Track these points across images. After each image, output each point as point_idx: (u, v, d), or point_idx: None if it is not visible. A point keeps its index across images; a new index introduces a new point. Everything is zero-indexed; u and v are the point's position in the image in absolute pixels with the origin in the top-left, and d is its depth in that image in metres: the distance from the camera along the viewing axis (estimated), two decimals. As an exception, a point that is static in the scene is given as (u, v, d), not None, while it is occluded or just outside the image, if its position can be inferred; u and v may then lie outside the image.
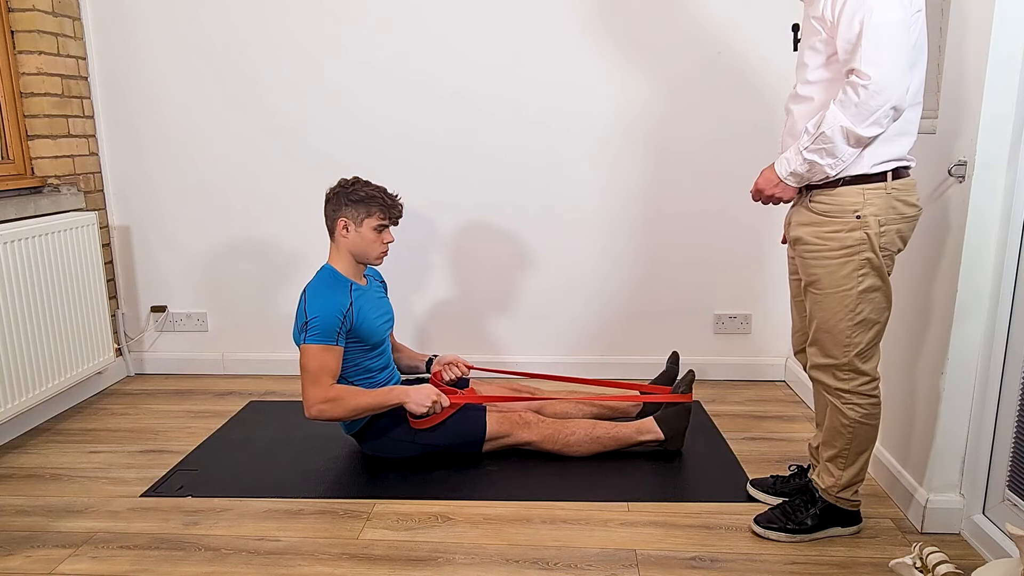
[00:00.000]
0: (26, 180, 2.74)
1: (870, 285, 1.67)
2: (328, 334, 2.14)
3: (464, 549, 1.89)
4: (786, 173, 1.67)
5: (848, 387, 1.75)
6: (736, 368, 3.08)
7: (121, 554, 1.88)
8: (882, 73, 1.50)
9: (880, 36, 1.50)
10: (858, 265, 1.66)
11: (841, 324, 1.70)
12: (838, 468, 1.83)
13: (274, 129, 2.99)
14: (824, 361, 1.76)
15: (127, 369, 3.22)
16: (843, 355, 1.72)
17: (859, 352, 1.72)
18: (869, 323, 1.70)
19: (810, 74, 1.66)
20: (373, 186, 2.23)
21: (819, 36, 1.62)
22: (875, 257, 1.65)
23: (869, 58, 1.50)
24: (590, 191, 2.95)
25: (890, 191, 1.64)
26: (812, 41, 1.64)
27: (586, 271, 3.03)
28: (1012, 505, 1.79)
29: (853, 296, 1.68)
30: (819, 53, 1.63)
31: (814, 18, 1.61)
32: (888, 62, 1.50)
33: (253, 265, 3.12)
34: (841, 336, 1.71)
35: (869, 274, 1.67)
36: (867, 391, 1.75)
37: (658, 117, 2.87)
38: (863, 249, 1.65)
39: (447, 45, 2.87)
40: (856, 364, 1.73)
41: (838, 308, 1.70)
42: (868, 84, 1.50)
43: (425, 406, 2.20)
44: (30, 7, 2.70)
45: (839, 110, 1.55)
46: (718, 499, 2.10)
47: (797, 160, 1.65)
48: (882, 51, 1.50)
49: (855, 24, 1.52)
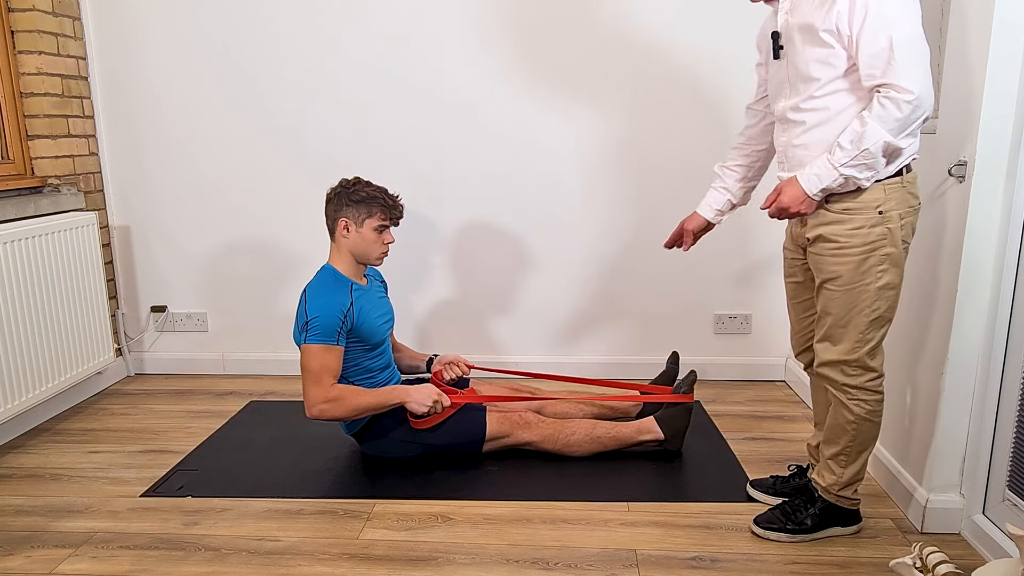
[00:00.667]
0: (26, 180, 2.74)
1: (888, 282, 1.68)
2: (329, 334, 2.14)
3: (464, 549, 1.89)
4: (816, 190, 1.64)
5: (856, 383, 1.75)
6: (736, 368, 3.08)
7: (121, 554, 1.88)
8: (921, 87, 1.52)
9: (912, 50, 1.52)
10: (878, 260, 1.67)
11: (857, 319, 1.71)
12: (839, 466, 1.84)
13: (274, 129, 2.99)
14: (834, 357, 1.76)
15: (127, 369, 3.22)
16: (855, 351, 1.73)
17: (870, 349, 1.73)
18: (883, 320, 1.72)
19: (821, 88, 1.65)
20: (374, 187, 2.23)
21: (832, 50, 1.60)
22: (896, 251, 1.67)
23: (908, 74, 1.52)
24: (590, 191, 2.95)
25: (904, 184, 1.66)
26: (822, 55, 1.62)
27: (586, 271, 3.03)
28: (1012, 505, 1.79)
29: (871, 292, 1.69)
30: (832, 67, 1.62)
31: (826, 31, 1.59)
32: (923, 75, 1.53)
33: (253, 265, 3.13)
34: (855, 332, 1.72)
35: (889, 270, 1.68)
36: (874, 387, 1.76)
37: (658, 117, 2.87)
38: (884, 244, 1.66)
39: (447, 46, 2.87)
40: (866, 360, 1.74)
41: (856, 304, 1.70)
42: (912, 100, 1.52)
43: (426, 406, 2.20)
44: (30, 7, 2.70)
45: (879, 126, 1.55)
46: (718, 499, 2.10)
47: (831, 175, 1.61)
48: (916, 65, 1.52)
49: (880, 39, 1.52)
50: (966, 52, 1.75)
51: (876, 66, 1.55)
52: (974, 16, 1.72)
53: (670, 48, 2.82)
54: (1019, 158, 1.70)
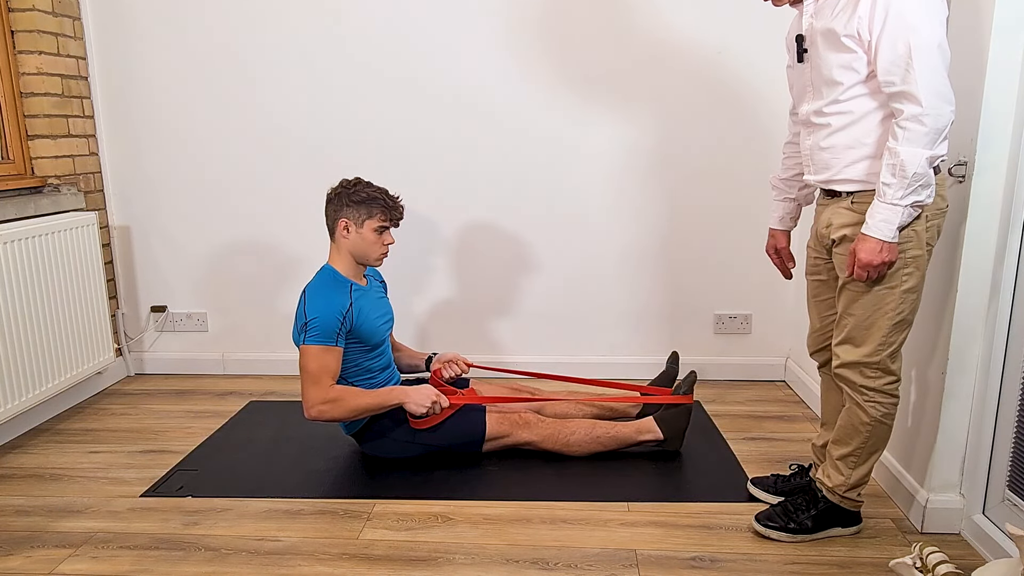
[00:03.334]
0: (26, 180, 2.74)
1: (912, 285, 1.68)
2: (328, 335, 2.14)
3: (464, 549, 1.89)
4: (892, 232, 1.60)
5: (874, 385, 1.75)
6: (736, 368, 3.08)
7: (121, 554, 1.88)
8: (939, 98, 1.51)
9: (930, 59, 1.51)
10: (904, 263, 1.66)
11: (881, 322, 1.70)
12: (848, 467, 1.83)
13: (275, 129, 2.99)
14: (855, 359, 1.75)
15: (127, 369, 3.22)
16: (876, 353, 1.72)
17: (892, 352, 1.72)
18: (906, 323, 1.71)
19: (844, 92, 1.64)
20: (375, 187, 2.23)
21: (855, 55, 1.59)
22: (922, 253, 1.66)
23: (925, 84, 1.51)
24: (591, 192, 2.95)
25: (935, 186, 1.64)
26: (845, 59, 1.61)
27: (586, 271, 3.03)
28: (1012, 505, 1.79)
29: (897, 295, 1.68)
30: (855, 72, 1.61)
31: (847, 37, 1.58)
32: (941, 85, 1.52)
33: (253, 265, 3.12)
34: (879, 335, 1.71)
35: (914, 273, 1.67)
36: (891, 390, 1.75)
37: (658, 119, 2.87)
38: (911, 247, 1.65)
39: (448, 46, 2.87)
40: (887, 363, 1.73)
41: (880, 306, 1.69)
42: (930, 112, 1.51)
43: (425, 406, 2.20)
44: (30, 7, 2.70)
45: (912, 147, 1.53)
46: (718, 499, 2.10)
47: (897, 211, 1.58)
48: (935, 75, 1.51)
49: (899, 45, 1.52)
50: (966, 52, 1.75)
51: (895, 73, 1.54)
52: (974, 16, 1.72)
53: (670, 52, 2.82)
54: (1019, 158, 1.70)
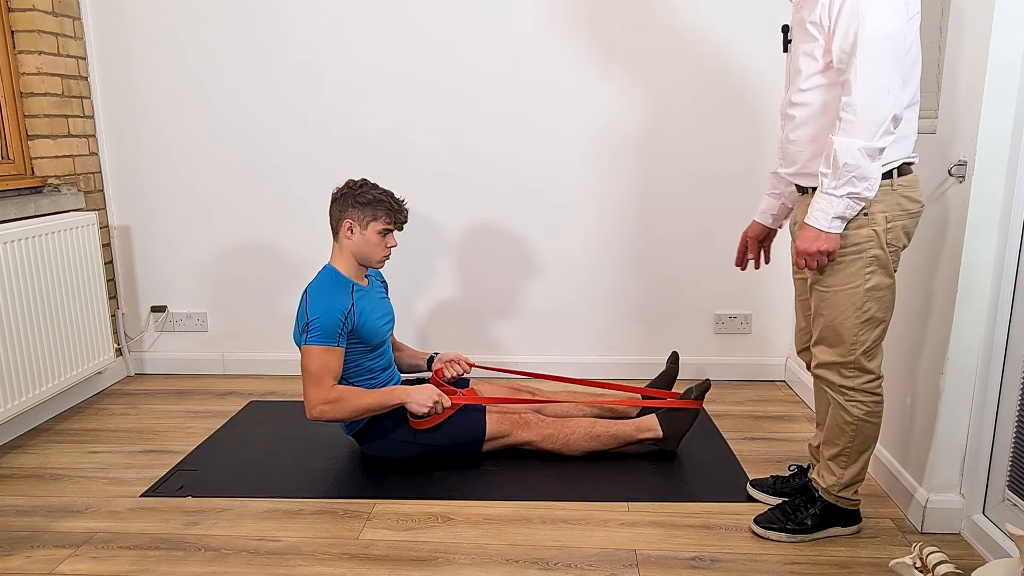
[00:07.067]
0: (26, 180, 2.74)
1: (877, 283, 1.68)
2: (329, 335, 2.14)
3: (464, 549, 1.89)
4: (826, 223, 1.61)
5: (853, 384, 1.75)
6: (736, 368, 3.08)
7: (121, 554, 1.88)
8: (877, 88, 1.51)
9: (874, 49, 1.50)
10: (866, 263, 1.66)
11: (848, 322, 1.71)
12: (839, 467, 1.84)
13: (275, 129, 2.99)
14: (829, 359, 1.76)
15: (127, 369, 3.22)
16: (849, 353, 1.73)
17: (865, 350, 1.73)
18: (875, 321, 1.71)
19: (804, 82, 1.66)
20: (380, 189, 2.23)
21: (816, 43, 1.61)
22: (883, 254, 1.66)
23: (863, 74, 1.51)
24: (591, 192, 2.95)
25: (896, 187, 1.65)
26: (808, 48, 1.63)
27: (586, 271, 3.03)
28: (1012, 505, 1.79)
29: (860, 294, 1.68)
30: (816, 60, 1.63)
31: (811, 24, 1.60)
32: (882, 77, 1.51)
33: (253, 265, 3.12)
34: (848, 334, 1.72)
35: (876, 272, 1.67)
36: (871, 389, 1.76)
37: (657, 118, 2.87)
38: (871, 246, 1.66)
39: (448, 47, 2.87)
40: (862, 362, 1.73)
41: (846, 306, 1.70)
42: (863, 101, 1.51)
43: (426, 406, 2.20)
44: (30, 7, 2.70)
45: (846, 137, 1.54)
46: (718, 499, 2.10)
47: (832, 203, 1.59)
48: (877, 66, 1.51)
49: (850, 34, 1.53)
50: (966, 52, 1.75)
51: (843, 60, 1.55)
52: (974, 16, 1.72)
53: (669, 50, 2.82)
54: (1019, 158, 1.70)
